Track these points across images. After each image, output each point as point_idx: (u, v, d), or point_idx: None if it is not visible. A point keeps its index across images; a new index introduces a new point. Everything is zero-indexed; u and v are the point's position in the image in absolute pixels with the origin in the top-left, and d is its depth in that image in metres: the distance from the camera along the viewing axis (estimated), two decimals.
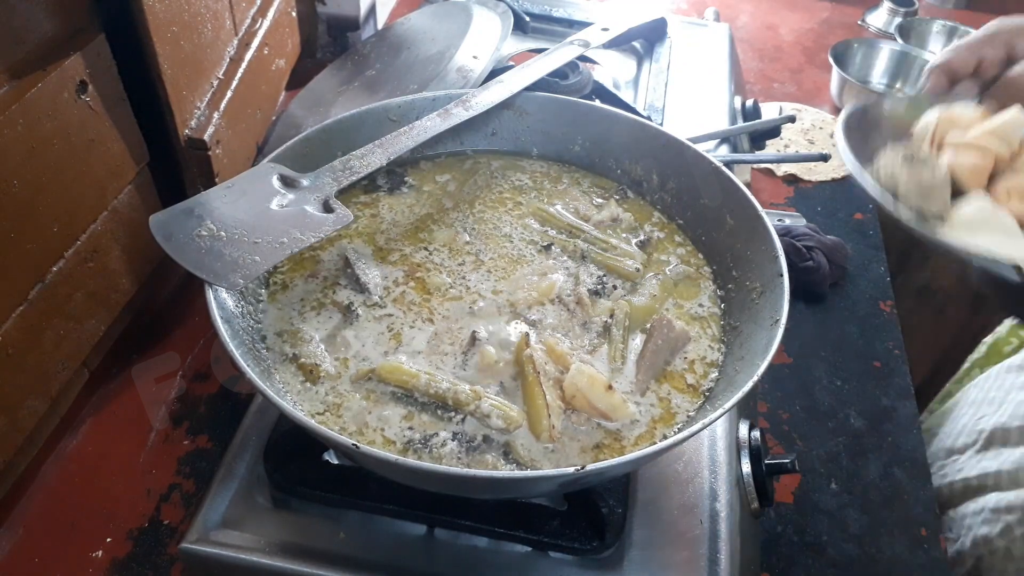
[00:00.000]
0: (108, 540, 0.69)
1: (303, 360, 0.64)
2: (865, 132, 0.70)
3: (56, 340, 0.67)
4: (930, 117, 0.69)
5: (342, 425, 0.60)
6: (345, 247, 0.74)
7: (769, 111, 1.30)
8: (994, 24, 0.72)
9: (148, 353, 0.84)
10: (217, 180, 0.82)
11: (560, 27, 1.26)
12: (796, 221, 1.10)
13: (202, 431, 0.78)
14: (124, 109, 0.71)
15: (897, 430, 0.88)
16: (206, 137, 0.79)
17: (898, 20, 1.62)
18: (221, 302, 0.62)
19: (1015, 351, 1.06)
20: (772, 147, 1.25)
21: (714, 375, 0.66)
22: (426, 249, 0.75)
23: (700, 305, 0.72)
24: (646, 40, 1.25)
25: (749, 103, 1.17)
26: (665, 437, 0.61)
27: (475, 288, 0.71)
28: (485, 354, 0.64)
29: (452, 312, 0.69)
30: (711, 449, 0.71)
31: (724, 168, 0.75)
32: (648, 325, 0.69)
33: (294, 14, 1.08)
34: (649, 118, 0.85)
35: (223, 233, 0.63)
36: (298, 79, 1.12)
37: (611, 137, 0.84)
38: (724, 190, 0.74)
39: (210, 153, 0.80)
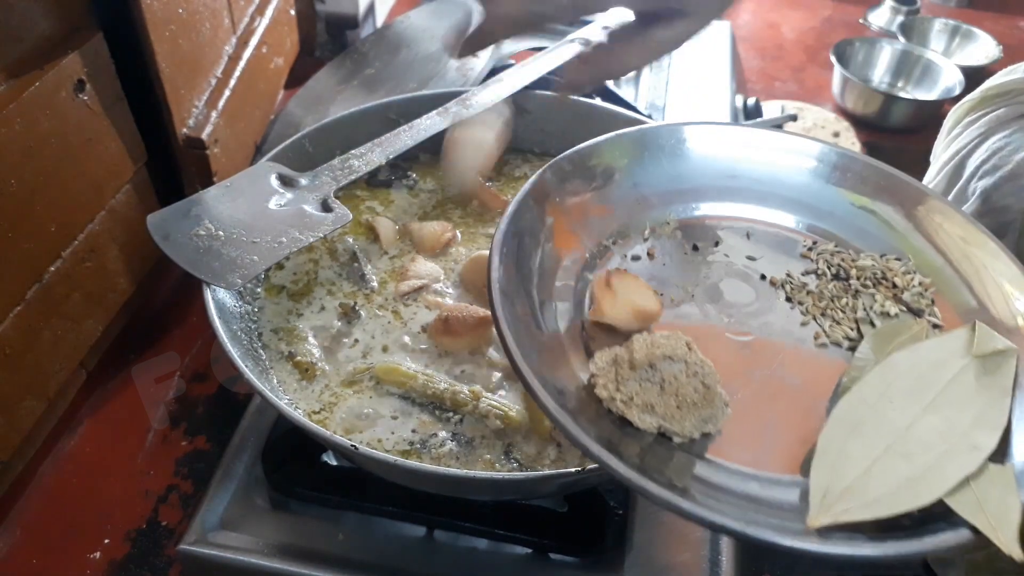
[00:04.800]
0: (106, 541, 0.69)
1: (299, 358, 0.64)
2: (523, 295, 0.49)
3: (53, 340, 0.67)
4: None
5: (338, 423, 0.60)
6: (349, 242, 0.74)
7: (771, 110, 1.29)
8: None
9: (146, 353, 0.84)
10: (215, 179, 0.82)
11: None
12: None
13: (200, 432, 0.77)
14: (122, 108, 0.71)
15: None
16: (204, 136, 0.79)
17: (900, 19, 1.61)
18: (219, 302, 0.61)
19: None
20: None
21: None
22: None
23: None
24: None
25: (750, 101, 1.17)
26: None
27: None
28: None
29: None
30: None
31: None
32: None
33: (293, 12, 1.08)
34: (650, 117, 0.85)
35: (221, 233, 0.63)
36: (297, 78, 1.11)
37: None
38: None
39: (208, 152, 0.80)
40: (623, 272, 0.52)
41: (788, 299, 0.55)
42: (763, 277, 0.57)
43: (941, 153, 0.94)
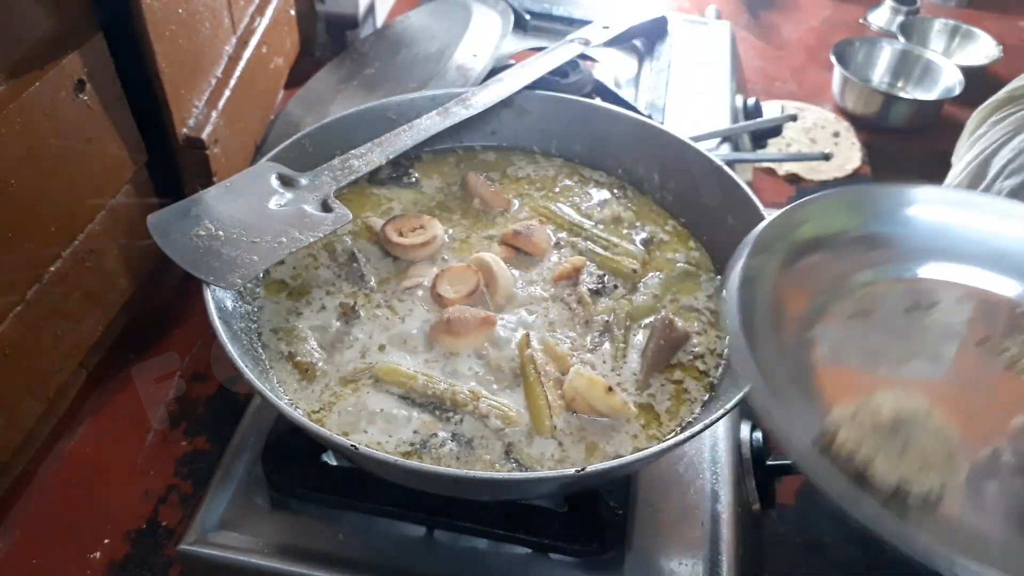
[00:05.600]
0: (106, 541, 0.69)
1: (299, 358, 0.64)
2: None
3: (54, 340, 0.67)
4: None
5: (338, 424, 0.60)
6: (348, 242, 0.74)
7: (771, 110, 1.29)
8: None
9: (146, 353, 0.84)
10: (215, 179, 0.82)
11: (560, 25, 1.26)
12: None
13: (200, 432, 0.77)
14: (122, 108, 0.71)
15: None
16: (204, 136, 0.79)
17: (900, 19, 1.61)
18: (219, 302, 0.61)
19: None
20: (774, 146, 1.24)
21: (719, 369, 0.66)
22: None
23: (699, 300, 0.72)
24: (647, 38, 1.24)
25: (750, 101, 1.17)
26: (667, 438, 0.61)
27: None
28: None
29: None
30: (712, 450, 0.70)
31: (725, 167, 0.74)
32: (648, 320, 0.69)
33: (293, 12, 1.08)
34: (650, 117, 0.85)
35: (221, 233, 0.63)
36: (296, 78, 1.11)
37: (612, 136, 0.84)
38: (725, 189, 0.74)
39: (208, 152, 0.80)
40: None
41: (1006, 366, 0.54)
42: (980, 343, 0.55)
43: (965, 153, 0.93)
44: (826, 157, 1.04)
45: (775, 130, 1.12)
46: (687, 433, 0.54)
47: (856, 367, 0.54)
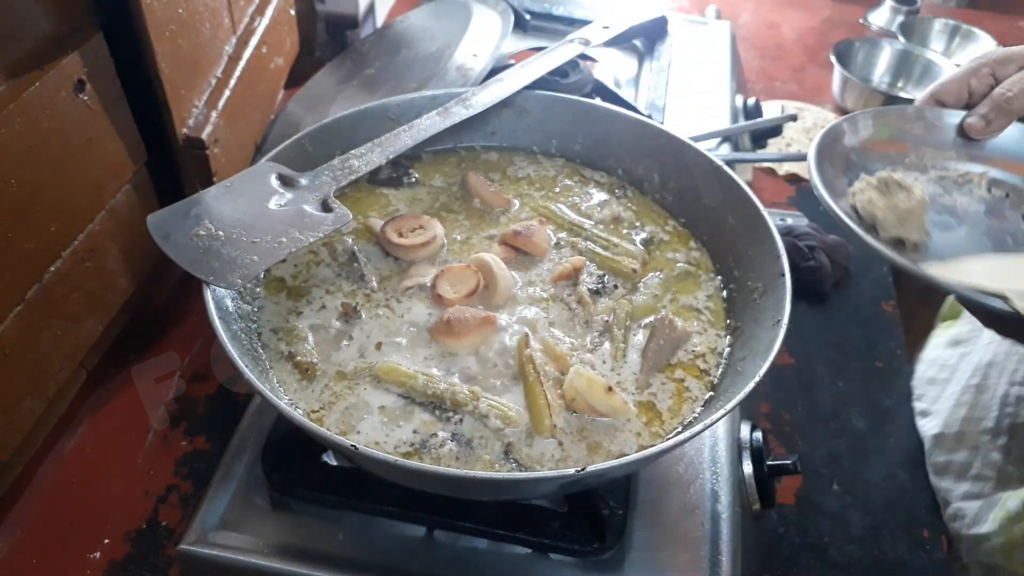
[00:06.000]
0: (106, 542, 0.69)
1: (299, 358, 0.64)
2: (840, 158, 0.69)
3: (53, 340, 0.67)
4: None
5: (338, 423, 0.60)
6: (349, 242, 0.74)
7: (771, 110, 1.29)
8: (979, 58, 0.75)
9: (146, 353, 0.84)
10: (215, 179, 0.82)
11: (560, 25, 1.26)
12: (798, 220, 1.09)
13: (200, 432, 0.77)
14: (122, 108, 0.71)
15: (899, 431, 0.88)
16: (204, 136, 0.79)
17: (900, 19, 1.61)
18: (219, 302, 0.61)
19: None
20: (774, 146, 1.24)
21: (719, 368, 0.66)
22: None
23: (699, 300, 0.72)
24: (647, 38, 1.25)
25: (750, 101, 1.17)
26: (670, 435, 0.61)
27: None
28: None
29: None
30: (712, 450, 0.70)
31: (725, 167, 0.74)
32: (648, 320, 0.69)
33: (293, 12, 1.08)
34: (650, 117, 0.85)
35: (221, 233, 0.63)
36: (296, 78, 1.11)
37: (612, 136, 0.84)
38: (725, 189, 0.74)
39: (208, 152, 0.80)
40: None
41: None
42: None
43: None
44: None
45: (775, 130, 1.12)
46: (688, 433, 0.54)
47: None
